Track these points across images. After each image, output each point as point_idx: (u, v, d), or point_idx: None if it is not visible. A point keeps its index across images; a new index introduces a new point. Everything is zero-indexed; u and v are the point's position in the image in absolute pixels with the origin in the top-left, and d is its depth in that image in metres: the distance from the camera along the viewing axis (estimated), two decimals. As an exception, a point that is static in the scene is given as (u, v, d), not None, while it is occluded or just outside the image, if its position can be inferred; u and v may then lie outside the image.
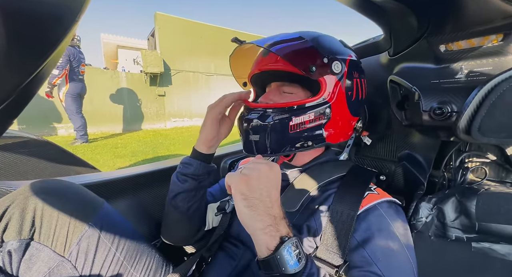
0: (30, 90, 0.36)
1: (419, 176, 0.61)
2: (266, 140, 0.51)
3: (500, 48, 0.45)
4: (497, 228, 0.45)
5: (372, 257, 0.41)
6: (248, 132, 0.53)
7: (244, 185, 0.37)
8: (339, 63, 0.52)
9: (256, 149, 0.53)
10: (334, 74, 0.51)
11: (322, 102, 0.51)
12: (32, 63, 0.32)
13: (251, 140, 0.52)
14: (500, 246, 0.46)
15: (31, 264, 0.45)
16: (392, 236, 0.43)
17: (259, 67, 0.57)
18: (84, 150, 3.59)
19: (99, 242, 0.51)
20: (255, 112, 0.52)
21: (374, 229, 0.44)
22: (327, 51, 0.51)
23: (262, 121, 0.51)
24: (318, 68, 0.49)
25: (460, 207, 0.50)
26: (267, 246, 0.34)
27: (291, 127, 0.49)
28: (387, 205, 0.48)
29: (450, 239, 0.52)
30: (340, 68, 0.52)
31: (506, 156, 0.54)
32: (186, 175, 0.58)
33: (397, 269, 0.41)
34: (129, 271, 0.54)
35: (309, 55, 0.50)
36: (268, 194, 0.37)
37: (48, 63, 0.33)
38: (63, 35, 0.31)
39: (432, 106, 0.51)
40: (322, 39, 0.54)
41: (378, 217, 0.46)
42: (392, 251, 0.42)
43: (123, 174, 0.76)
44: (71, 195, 0.53)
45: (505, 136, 0.44)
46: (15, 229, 0.44)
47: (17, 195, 0.47)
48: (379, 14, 0.58)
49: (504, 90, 0.41)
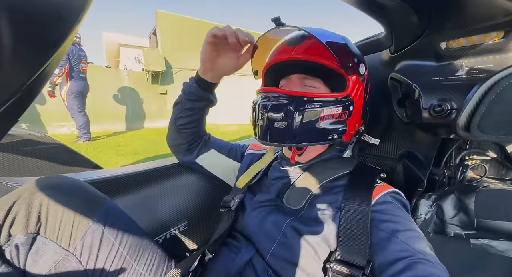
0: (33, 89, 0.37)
1: (419, 174, 0.62)
2: (294, 128, 0.49)
3: (501, 46, 0.45)
4: (496, 224, 0.46)
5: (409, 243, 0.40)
6: (274, 119, 0.50)
7: None
8: (364, 65, 0.55)
9: (280, 137, 0.50)
10: (360, 75, 0.54)
11: (348, 98, 0.52)
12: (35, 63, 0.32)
13: (276, 127, 0.50)
14: (498, 243, 0.47)
15: (38, 257, 0.46)
16: (409, 221, 0.44)
17: (286, 55, 0.55)
18: (86, 148, 3.61)
19: (103, 237, 0.52)
20: (284, 99, 0.50)
21: (394, 218, 0.44)
22: (356, 52, 0.55)
23: (295, 109, 0.48)
24: (352, 66, 0.52)
25: (459, 204, 0.50)
26: None
27: (321, 118, 0.50)
28: (396, 195, 0.50)
29: (449, 235, 0.52)
30: (364, 71, 0.55)
31: (506, 153, 0.54)
32: (183, 90, 0.69)
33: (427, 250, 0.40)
34: (132, 266, 0.55)
35: (347, 52, 0.53)
36: None
37: (51, 62, 0.34)
38: (66, 35, 0.31)
39: (432, 103, 0.51)
40: (350, 42, 0.57)
41: (391, 205, 0.46)
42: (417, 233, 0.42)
43: (126, 171, 0.77)
44: (75, 191, 0.54)
45: (504, 133, 0.44)
46: (22, 223, 0.45)
47: (23, 190, 0.48)
48: (380, 11, 0.58)
49: (504, 88, 0.41)
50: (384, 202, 0.47)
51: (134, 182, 0.78)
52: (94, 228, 0.52)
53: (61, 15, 0.29)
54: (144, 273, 0.56)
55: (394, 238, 0.41)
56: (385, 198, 0.47)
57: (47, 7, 0.27)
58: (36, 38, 0.29)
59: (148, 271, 0.57)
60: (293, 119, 0.49)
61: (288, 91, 0.51)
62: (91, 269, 0.50)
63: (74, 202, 0.51)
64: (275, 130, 0.50)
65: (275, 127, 0.50)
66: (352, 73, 0.52)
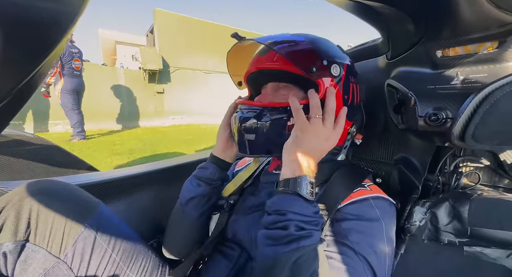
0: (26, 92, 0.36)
1: (414, 180, 0.62)
2: (262, 140, 0.51)
3: (495, 56, 0.46)
4: (488, 233, 0.46)
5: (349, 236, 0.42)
6: (244, 132, 0.52)
7: (302, 131, 0.45)
8: (338, 66, 0.52)
9: (250, 149, 0.53)
10: (333, 77, 0.51)
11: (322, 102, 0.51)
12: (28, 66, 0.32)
13: (245, 139, 0.52)
14: (491, 250, 0.47)
15: (27, 265, 0.45)
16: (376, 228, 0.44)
17: (256, 65, 0.56)
18: (81, 147, 3.57)
19: (95, 243, 0.51)
20: (251, 111, 0.52)
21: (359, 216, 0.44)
22: (327, 54, 0.52)
23: (259, 120, 0.50)
24: (318, 69, 0.49)
25: (453, 211, 0.51)
26: (293, 172, 0.43)
27: (288, 127, 0.49)
28: (379, 200, 0.48)
29: (443, 243, 0.53)
30: (339, 72, 0.52)
31: (499, 161, 0.55)
32: (200, 179, 0.59)
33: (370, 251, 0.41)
34: (125, 272, 0.54)
35: (310, 56, 0.50)
36: (311, 150, 0.45)
37: (44, 65, 0.33)
38: (60, 38, 0.31)
39: (427, 111, 0.51)
40: (322, 42, 0.54)
41: (366, 207, 0.46)
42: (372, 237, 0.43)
43: (119, 174, 0.76)
44: (67, 196, 0.53)
45: (498, 143, 0.45)
46: (10, 230, 0.44)
47: (13, 196, 0.47)
48: (377, 18, 0.58)
49: (497, 98, 0.42)
50: (361, 202, 0.46)
51: (127, 186, 0.77)
52: (86, 234, 0.51)
53: (56, 20, 0.28)
54: (137, 279, 0.56)
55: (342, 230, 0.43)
56: (364, 199, 0.46)
57: (42, 13, 0.26)
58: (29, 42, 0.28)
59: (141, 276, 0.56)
60: (258, 130, 0.50)
61: (252, 102, 0.53)
62: (83, 276, 0.49)
63: (66, 207, 0.50)
64: (248, 142, 0.52)
65: (246, 139, 0.52)
66: (320, 76, 0.50)
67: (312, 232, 0.39)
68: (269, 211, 0.43)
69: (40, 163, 0.93)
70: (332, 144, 0.49)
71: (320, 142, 0.46)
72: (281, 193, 0.43)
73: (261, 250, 0.41)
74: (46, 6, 0.27)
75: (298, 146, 0.45)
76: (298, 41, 0.52)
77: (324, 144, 0.47)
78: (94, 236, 0.52)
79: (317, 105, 0.48)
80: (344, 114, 0.51)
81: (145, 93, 6.17)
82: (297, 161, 0.44)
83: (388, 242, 0.44)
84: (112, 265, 0.53)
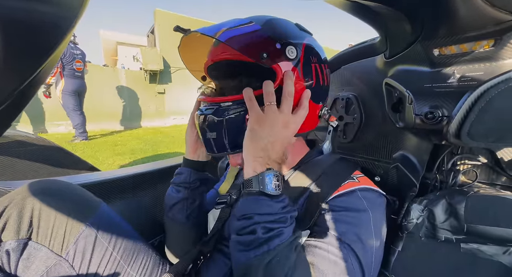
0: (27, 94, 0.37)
1: (412, 178, 0.62)
2: (224, 137, 0.47)
3: (491, 54, 0.46)
4: (485, 229, 0.46)
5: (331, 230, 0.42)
6: (205, 130, 0.49)
7: (258, 123, 0.43)
8: (293, 48, 0.47)
9: (216, 147, 0.49)
10: (290, 60, 0.46)
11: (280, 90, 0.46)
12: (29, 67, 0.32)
13: (208, 138, 0.49)
14: (488, 247, 0.47)
15: (29, 263, 0.46)
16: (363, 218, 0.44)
17: (211, 57, 0.53)
18: (83, 147, 3.59)
19: (96, 241, 0.52)
20: (209, 107, 0.48)
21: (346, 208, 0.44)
22: (280, 36, 0.47)
23: (217, 117, 0.47)
24: (270, 54, 0.44)
25: (450, 209, 0.51)
26: (254, 169, 0.42)
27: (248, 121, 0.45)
28: (367, 192, 0.47)
29: (440, 240, 0.53)
30: (295, 54, 0.47)
31: (496, 159, 0.55)
32: (178, 184, 0.61)
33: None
34: (126, 270, 0.55)
35: (260, 41, 0.45)
36: (271, 142, 0.43)
37: (45, 66, 0.34)
38: (60, 41, 0.31)
39: (424, 110, 0.51)
40: (275, 23, 0.49)
41: (354, 198, 0.45)
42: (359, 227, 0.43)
43: (120, 174, 0.77)
44: (68, 195, 0.54)
45: (493, 140, 0.45)
46: (13, 229, 0.45)
47: (15, 195, 0.48)
48: (374, 18, 0.59)
49: (492, 96, 0.42)
50: (349, 194, 0.46)
51: (128, 185, 0.78)
52: (87, 232, 0.51)
53: (56, 24, 0.29)
54: (138, 277, 0.56)
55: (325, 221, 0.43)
56: (352, 191, 0.46)
57: (43, 17, 0.27)
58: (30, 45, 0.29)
59: (141, 275, 0.57)
60: (218, 128, 0.47)
61: (208, 99, 0.51)
62: (84, 274, 0.50)
63: (67, 206, 0.51)
64: (209, 141, 0.50)
65: (208, 138, 0.49)
66: (274, 61, 0.45)
67: (282, 230, 0.38)
68: (237, 216, 0.42)
69: (42, 164, 0.94)
70: (293, 129, 0.45)
71: (279, 130, 0.43)
72: (246, 195, 0.42)
73: (234, 256, 0.41)
74: (47, 10, 0.27)
75: (255, 140, 0.43)
76: (245, 26, 0.46)
77: (284, 131, 0.44)
78: (95, 234, 0.52)
79: (270, 92, 0.44)
80: (306, 97, 0.47)
81: (146, 93, 6.20)
82: (256, 157, 0.42)
83: (376, 233, 0.44)
84: (113, 263, 0.54)
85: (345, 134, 0.86)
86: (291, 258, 0.37)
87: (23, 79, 0.33)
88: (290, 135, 0.46)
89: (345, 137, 0.86)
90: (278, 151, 0.43)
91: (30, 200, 0.48)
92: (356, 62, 0.84)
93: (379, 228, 0.45)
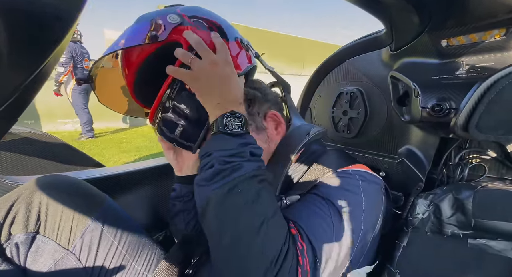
0: (32, 88, 0.37)
1: (418, 173, 0.61)
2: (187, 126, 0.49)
3: (502, 43, 0.44)
4: (493, 224, 0.45)
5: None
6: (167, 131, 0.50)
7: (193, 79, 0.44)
8: (173, 14, 0.47)
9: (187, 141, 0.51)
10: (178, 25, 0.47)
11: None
12: (33, 62, 0.33)
13: (178, 140, 0.51)
14: (496, 243, 0.46)
15: (37, 256, 0.47)
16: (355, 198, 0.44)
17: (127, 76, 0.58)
18: (90, 145, 3.65)
19: (102, 235, 0.53)
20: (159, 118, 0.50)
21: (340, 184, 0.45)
22: (157, 14, 0.48)
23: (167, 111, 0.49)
24: (158, 29, 0.46)
25: (457, 203, 0.50)
26: (215, 115, 0.43)
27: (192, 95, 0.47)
28: (362, 172, 0.48)
29: (446, 235, 0.52)
30: (177, 17, 0.47)
31: (506, 153, 0.54)
32: (174, 199, 0.64)
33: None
34: (131, 264, 0.56)
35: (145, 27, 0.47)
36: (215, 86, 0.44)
37: (49, 61, 0.34)
38: (63, 34, 0.32)
39: (431, 103, 0.50)
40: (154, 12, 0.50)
41: (350, 178, 0.46)
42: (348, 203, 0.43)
43: (125, 169, 0.78)
44: (75, 190, 0.54)
45: (503, 133, 0.44)
46: (22, 222, 0.46)
47: (23, 189, 0.49)
48: (379, 8, 0.57)
49: (503, 86, 0.40)
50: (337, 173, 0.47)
51: (133, 180, 0.79)
52: (93, 227, 0.52)
53: (57, 16, 0.29)
54: (143, 271, 0.57)
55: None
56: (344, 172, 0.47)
57: (44, 7, 0.27)
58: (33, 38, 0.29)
59: (147, 269, 0.58)
60: (164, 134, 0.50)
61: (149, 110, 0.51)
62: (90, 267, 0.51)
63: (73, 201, 0.52)
64: (180, 139, 0.51)
65: (178, 139, 0.51)
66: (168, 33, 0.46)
67: (242, 163, 0.38)
68: (199, 157, 0.43)
69: (51, 161, 0.96)
70: (223, 64, 0.45)
71: (213, 73, 0.44)
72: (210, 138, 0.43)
73: (196, 194, 0.41)
74: (48, 1, 0.28)
75: (204, 94, 0.44)
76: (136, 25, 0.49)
77: (218, 71, 0.44)
78: (100, 229, 0.53)
79: (183, 53, 0.45)
80: (215, 37, 0.47)
81: (150, 91, 6.22)
82: (214, 105, 0.44)
83: (366, 218, 0.44)
84: (118, 257, 0.55)
85: (349, 129, 0.84)
86: (252, 189, 0.37)
87: (29, 73, 0.33)
88: (229, 71, 0.45)
89: (349, 132, 0.84)
90: (228, 91, 0.44)
91: (37, 194, 0.49)
92: (360, 55, 0.82)
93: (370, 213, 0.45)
